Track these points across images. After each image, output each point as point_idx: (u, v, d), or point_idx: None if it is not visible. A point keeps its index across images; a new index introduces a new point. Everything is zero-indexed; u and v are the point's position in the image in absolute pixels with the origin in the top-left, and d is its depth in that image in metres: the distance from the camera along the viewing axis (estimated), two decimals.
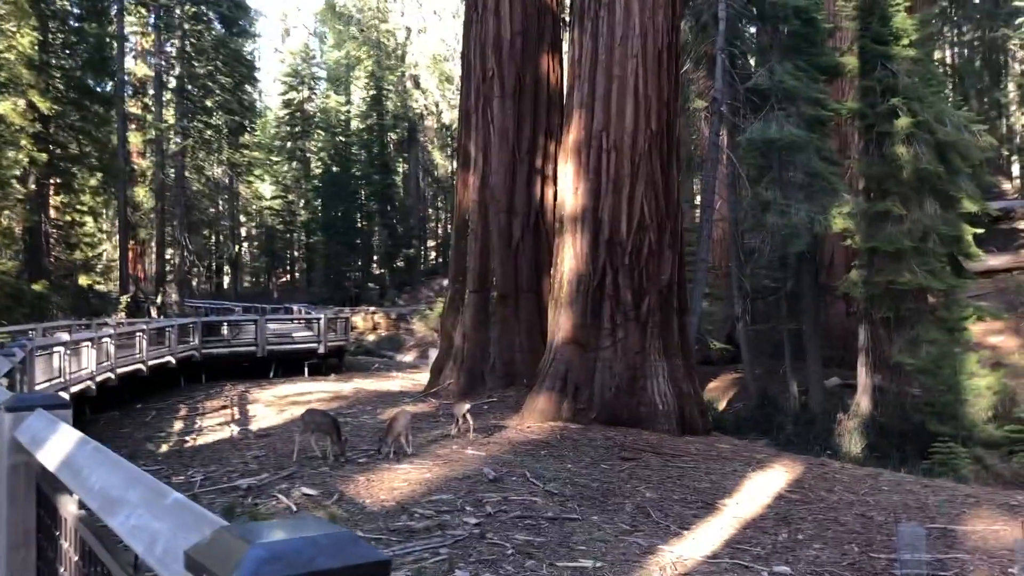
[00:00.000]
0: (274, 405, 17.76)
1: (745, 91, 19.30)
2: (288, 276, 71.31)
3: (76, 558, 2.37)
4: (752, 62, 24.24)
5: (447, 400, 16.37)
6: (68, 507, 2.48)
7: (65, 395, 12.98)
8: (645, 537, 8.28)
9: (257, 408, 17.62)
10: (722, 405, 24.16)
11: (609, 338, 13.66)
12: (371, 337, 43.52)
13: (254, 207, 68.20)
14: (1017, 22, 35.81)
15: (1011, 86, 41.49)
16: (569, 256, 14.11)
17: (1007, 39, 38.84)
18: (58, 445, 2.51)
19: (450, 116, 55.15)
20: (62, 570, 2.55)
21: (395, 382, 22.05)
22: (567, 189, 14.38)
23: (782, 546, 8.20)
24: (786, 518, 9.20)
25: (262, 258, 69.58)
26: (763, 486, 10.62)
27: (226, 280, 71.55)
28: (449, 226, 65.38)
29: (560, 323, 14.11)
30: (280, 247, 67.99)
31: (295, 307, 42.28)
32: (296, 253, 70.32)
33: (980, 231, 20.33)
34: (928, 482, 11.77)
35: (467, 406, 13.30)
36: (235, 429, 15.09)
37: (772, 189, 18.37)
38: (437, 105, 55.72)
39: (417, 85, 56.06)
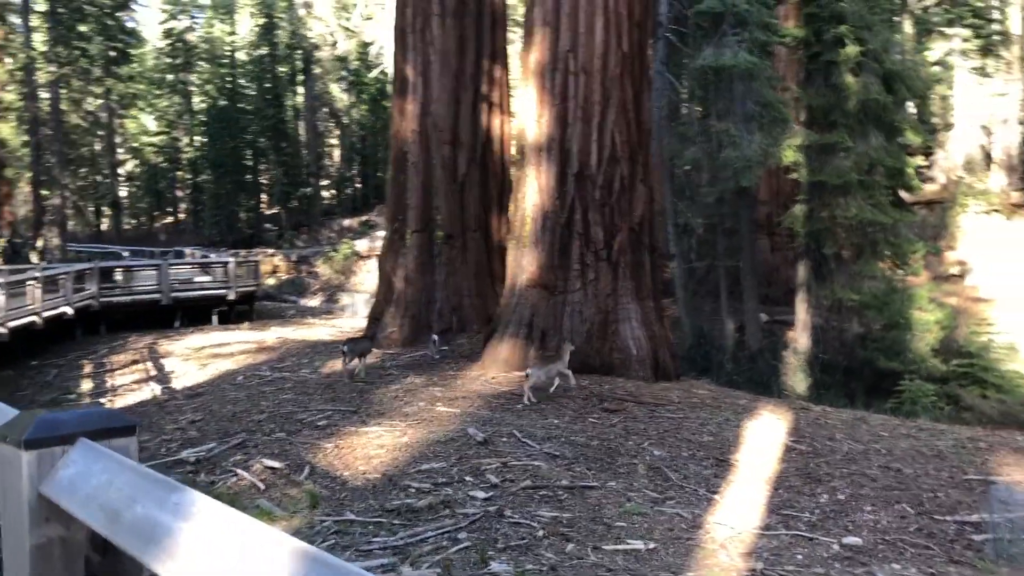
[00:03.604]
0: (192, 359, 16.01)
1: (693, 15, 18.24)
2: (173, 217, 67.16)
3: None
4: None
5: (391, 350, 15.02)
6: None
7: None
8: (681, 506, 7.32)
9: (173, 363, 15.84)
10: None
11: (578, 280, 12.57)
12: (271, 281, 41.21)
13: (136, 143, 63.67)
14: None
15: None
16: (533, 191, 12.85)
17: None
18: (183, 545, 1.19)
19: (347, 46, 52.24)
20: None
21: (320, 330, 20.43)
22: (529, 117, 13.03)
23: (830, 510, 7.39)
24: (811, 475, 8.44)
25: (145, 198, 65.19)
26: (764, 436, 9.92)
27: (105, 223, 66.95)
28: (345, 164, 62.70)
29: (523, 264, 12.91)
30: (164, 186, 63.77)
31: (187, 250, 39.53)
32: (182, 193, 66.17)
33: (922, 163, 20.13)
34: (923, 424, 11.31)
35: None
36: (157, 388, 13.39)
37: (725, 120, 17.49)
38: (333, 34, 52.59)
39: (311, 12, 52.72)
